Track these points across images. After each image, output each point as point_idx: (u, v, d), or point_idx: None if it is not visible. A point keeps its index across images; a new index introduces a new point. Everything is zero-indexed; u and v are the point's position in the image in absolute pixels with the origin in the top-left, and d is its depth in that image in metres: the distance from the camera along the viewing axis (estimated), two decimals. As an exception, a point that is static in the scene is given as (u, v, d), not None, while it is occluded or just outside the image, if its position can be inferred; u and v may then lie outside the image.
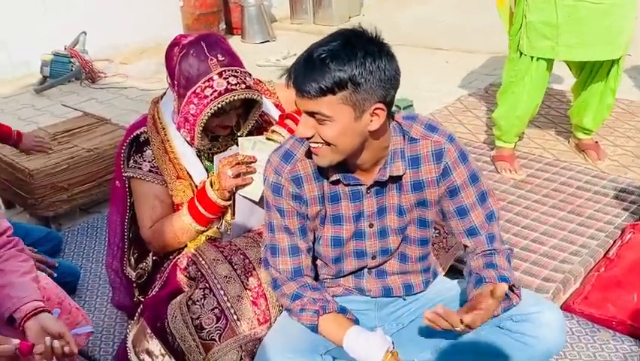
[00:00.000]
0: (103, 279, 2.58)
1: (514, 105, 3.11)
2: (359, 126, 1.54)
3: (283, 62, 5.66)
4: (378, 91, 1.50)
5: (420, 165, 1.68)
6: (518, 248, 2.57)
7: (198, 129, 1.91)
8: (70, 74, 5.44)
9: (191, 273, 1.93)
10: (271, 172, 1.72)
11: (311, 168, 1.70)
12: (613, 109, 3.85)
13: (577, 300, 2.29)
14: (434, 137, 1.68)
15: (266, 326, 1.85)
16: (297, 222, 1.74)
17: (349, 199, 1.72)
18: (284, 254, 1.76)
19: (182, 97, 1.91)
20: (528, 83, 3.04)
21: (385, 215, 1.75)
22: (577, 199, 2.92)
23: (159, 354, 1.87)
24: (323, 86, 1.47)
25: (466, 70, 5.07)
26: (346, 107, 1.50)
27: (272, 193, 1.72)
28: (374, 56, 1.49)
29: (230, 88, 1.87)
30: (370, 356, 1.66)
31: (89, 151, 3.20)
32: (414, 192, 1.71)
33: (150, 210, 2.04)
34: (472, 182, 1.71)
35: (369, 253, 1.79)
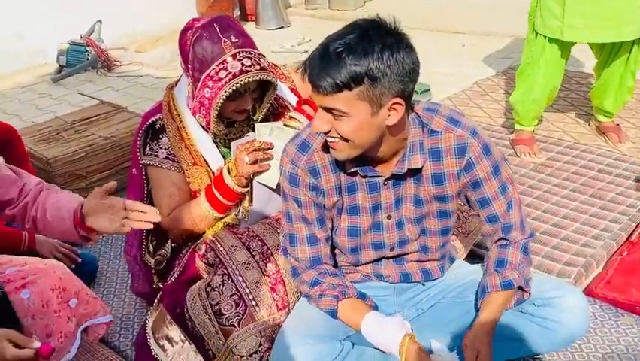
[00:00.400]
0: (122, 266, 2.59)
1: (531, 88, 3.06)
2: (376, 121, 1.51)
3: (298, 48, 5.63)
4: (396, 85, 1.46)
5: (441, 158, 1.66)
6: (539, 232, 2.54)
7: (214, 113, 1.89)
8: (86, 63, 5.45)
9: (210, 259, 1.93)
10: (288, 162, 1.70)
11: (328, 159, 1.67)
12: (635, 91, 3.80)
13: (599, 284, 2.26)
14: (457, 131, 1.64)
15: (284, 312, 1.84)
16: (314, 212, 1.72)
17: (366, 190, 1.69)
18: (302, 243, 1.75)
19: (196, 81, 1.89)
20: (543, 65, 2.99)
21: (402, 205, 1.73)
22: (598, 182, 2.88)
23: (179, 340, 1.87)
24: (339, 82, 1.43)
25: (484, 53, 5.01)
26: (363, 102, 1.46)
27: (289, 184, 1.71)
28: (392, 48, 1.44)
29: (244, 70, 1.85)
30: (388, 341, 1.66)
31: (106, 139, 3.21)
32: (434, 185, 1.69)
33: (168, 198, 2.04)
34: (495, 174, 1.69)
35: (387, 245, 1.77)
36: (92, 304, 1.96)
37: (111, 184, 1.70)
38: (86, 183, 3.11)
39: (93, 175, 3.13)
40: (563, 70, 3.06)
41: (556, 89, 3.12)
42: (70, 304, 1.88)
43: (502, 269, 1.73)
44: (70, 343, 1.94)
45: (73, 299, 1.91)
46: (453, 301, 1.87)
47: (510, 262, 1.73)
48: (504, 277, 1.71)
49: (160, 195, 2.05)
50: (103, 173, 3.16)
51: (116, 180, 3.13)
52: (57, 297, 1.85)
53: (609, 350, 1.96)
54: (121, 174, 3.18)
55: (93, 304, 1.96)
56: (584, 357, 1.94)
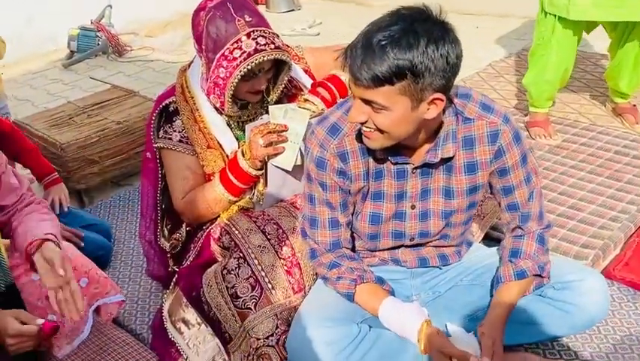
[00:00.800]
0: (137, 250, 2.59)
1: (543, 69, 3.02)
2: (415, 115, 1.47)
3: (309, 31, 5.59)
4: (438, 80, 1.41)
5: (474, 146, 1.63)
6: (555, 215, 2.51)
7: (228, 93, 1.87)
8: (97, 48, 5.44)
9: (225, 243, 1.93)
10: (316, 146, 1.66)
11: (358, 144, 1.64)
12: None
13: (617, 266, 2.23)
14: (490, 117, 1.62)
15: (300, 295, 1.84)
16: (339, 197, 1.70)
17: (393, 177, 1.67)
18: (324, 227, 1.73)
19: (210, 61, 1.87)
20: (555, 45, 2.94)
21: (429, 197, 1.70)
22: (615, 164, 2.84)
23: (195, 323, 1.88)
24: (381, 76, 1.39)
25: (497, 35, 4.95)
26: (404, 97, 1.42)
27: (315, 167, 1.67)
28: (437, 42, 1.38)
29: (259, 48, 1.83)
30: (405, 328, 1.65)
31: (119, 124, 3.20)
32: (467, 175, 1.66)
33: (182, 181, 2.03)
34: (523, 163, 1.67)
35: (407, 235, 1.76)
36: (102, 283, 1.96)
37: None
38: (98, 168, 3.11)
39: (106, 160, 3.13)
40: (575, 50, 3.02)
41: (569, 71, 3.07)
42: (81, 284, 1.89)
43: (517, 259, 1.72)
44: (83, 322, 1.95)
45: (83, 278, 1.91)
46: (470, 285, 1.86)
47: (524, 252, 1.72)
48: (517, 267, 1.70)
49: (174, 179, 2.05)
50: (115, 158, 3.16)
51: (129, 165, 3.21)
52: None
53: (627, 332, 1.94)
54: (134, 159, 3.19)
55: (104, 284, 1.97)
56: (602, 339, 1.93)
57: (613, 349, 1.89)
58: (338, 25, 5.64)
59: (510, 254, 1.75)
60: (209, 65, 1.88)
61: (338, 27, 5.57)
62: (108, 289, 1.98)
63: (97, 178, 3.14)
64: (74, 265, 1.91)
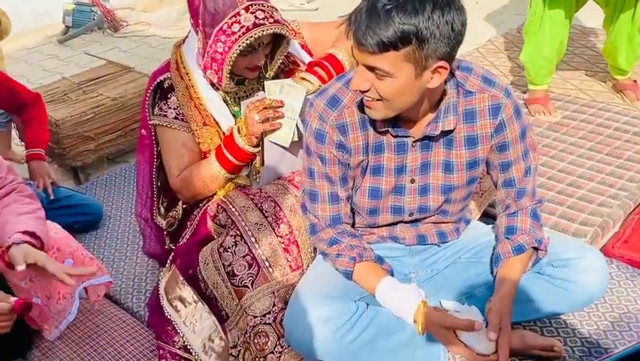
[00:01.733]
0: (133, 228, 2.58)
1: (538, 45, 3.00)
2: (419, 83, 1.45)
3: (307, 6, 5.53)
4: (442, 48, 1.39)
5: (475, 120, 1.61)
6: (554, 192, 2.50)
7: (227, 69, 1.84)
8: (92, 24, 5.39)
9: (222, 220, 1.91)
10: (315, 118, 1.64)
11: (358, 116, 1.61)
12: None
13: (616, 244, 2.22)
14: (492, 91, 1.59)
15: (298, 273, 1.83)
16: (338, 171, 1.68)
17: (393, 151, 1.65)
18: (324, 201, 1.71)
19: (207, 36, 1.84)
20: (547, 20, 2.92)
21: (429, 171, 1.68)
22: (615, 141, 2.82)
23: (192, 301, 1.87)
24: (386, 41, 1.36)
25: (497, 10, 4.91)
26: (408, 64, 1.40)
27: (315, 140, 1.65)
28: (443, 8, 1.36)
29: (258, 23, 1.79)
30: (402, 308, 1.65)
31: (114, 100, 3.17)
32: (467, 148, 1.64)
33: (177, 159, 2.00)
34: (522, 138, 1.66)
35: (406, 210, 1.74)
36: (87, 264, 1.95)
37: None
38: (94, 145, 3.09)
39: (101, 136, 3.11)
40: (568, 24, 2.99)
41: (564, 44, 3.05)
42: (66, 264, 1.88)
43: (513, 235, 1.71)
44: (70, 303, 1.95)
45: (68, 259, 1.90)
46: (468, 262, 1.85)
47: (520, 228, 1.72)
48: (515, 242, 1.69)
49: (169, 156, 2.02)
50: (111, 134, 3.14)
51: (125, 142, 3.18)
52: (52, 257, 1.84)
53: (626, 310, 1.94)
54: (130, 135, 3.16)
55: (89, 265, 1.95)
56: (600, 317, 1.92)
57: (611, 326, 1.89)
58: (337, 0, 5.58)
59: (505, 231, 1.74)
60: (207, 39, 1.84)
61: (337, 2, 5.50)
62: (94, 270, 1.97)
63: (92, 155, 3.12)
64: (59, 245, 1.90)
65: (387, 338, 1.68)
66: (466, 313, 1.60)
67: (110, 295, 2.24)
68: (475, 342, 1.59)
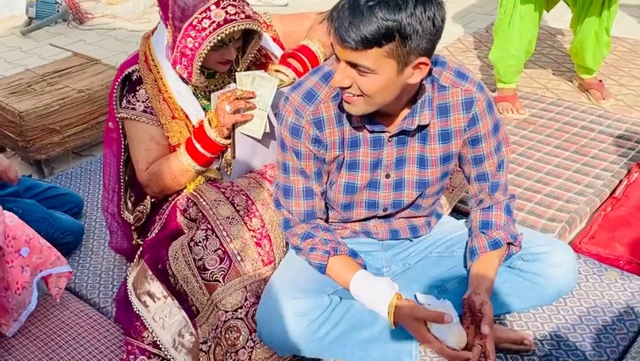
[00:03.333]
0: (99, 223, 2.52)
1: (508, 44, 3.04)
2: (400, 79, 1.45)
3: (277, 2, 5.50)
4: (424, 44, 1.39)
5: (449, 114, 1.61)
6: (522, 189, 2.53)
7: (197, 65, 1.80)
8: (56, 15, 5.27)
9: (192, 214, 1.88)
10: (291, 112, 1.62)
11: (334, 111, 1.60)
12: (617, 48, 3.79)
13: (584, 240, 2.26)
14: (465, 85, 1.60)
15: (270, 267, 1.81)
16: (313, 166, 1.67)
17: (369, 146, 1.64)
18: (298, 197, 1.70)
19: (177, 30, 1.80)
20: (517, 18, 2.96)
21: (404, 166, 1.68)
22: (581, 139, 2.87)
23: (161, 296, 1.83)
24: (369, 37, 1.35)
25: (465, 9, 4.95)
26: (391, 60, 1.40)
27: (290, 134, 1.63)
28: (425, 4, 1.36)
29: (229, 18, 1.77)
30: (376, 301, 1.64)
31: (80, 92, 3.10)
32: (441, 143, 1.64)
33: (146, 152, 1.96)
34: (494, 132, 1.67)
35: (380, 205, 1.74)
36: (45, 252, 1.91)
37: None
38: (59, 138, 3.02)
39: (67, 129, 3.04)
40: (537, 23, 3.04)
41: (533, 43, 3.09)
42: (22, 253, 1.84)
43: (488, 230, 1.72)
44: (29, 293, 1.90)
45: (24, 248, 1.86)
46: (440, 256, 1.86)
47: (495, 223, 1.73)
48: (490, 237, 1.71)
49: (137, 150, 1.98)
50: (77, 127, 3.08)
51: (91, 135, 3.12)
52: (7, 246, 1.79)
53: (593, 304, 1.97)
54: (96, 128, 3.10)
55: (47, 253, 1.91)
56: (569, 311, 1.95)
57: (579, 320, 1.91)
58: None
59: (481, 226, 1.74)
60: (176, 34, 1.81)
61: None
62: (52, 259, 1.92)
63: (57, 148, 3.05)
64: (14, 234, 1.85)
65: (359, 331, 1.68)
66: (440, 308, 1.60)
67: (75, 291, 2.19)
68: (446, 335, 1.58)
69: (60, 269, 1.94)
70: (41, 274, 1.92)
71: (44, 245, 1.92)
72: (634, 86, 3.40)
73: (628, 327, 1.88)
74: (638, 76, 3.51)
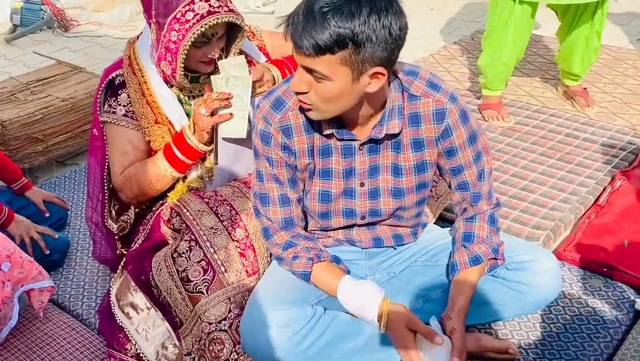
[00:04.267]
0: (83, 233, 2.50)
1: (499, 51, 3.04)
2: (356, 88, 1.45)
3: (263, 9, 5.50)
4: (380, 53, 1.39)
5: (420, 124, 1.61)
6: (507, 196, 2.54)
7: (181, 58, 1.80)
8: (41, 23, 5.23)
9: (176, 225, 1.87)
10: (260, 120, 1.63)
11: (302, 119, 1.61)
12: (601, 55, 3.81)
13: (568, 247, 2.27)
14: (436, 95, 1.60)
15: (255, 278, 1.80)
16: (286, 173, 1.67)
17: (340, 154, 1.64)
18: (274, 204, 1.70)
19: (161, 27, 1.80)
20: (512, 27, 2.97)
21: (378, 175, 1.68)
22: (566, 146, 2.88)
23: (144, 307, 1.82)
24: (322, 44, 1.36)
25: (452, 17, 4.97)
26: (344, 68, 1.40)
27: (260, 142, 1.65)
28: (380, 12, 1.36)
29: (212, 10, 1.77)
30: (365, 307, 1.63)
31: (64, 100, 3.08)
32: (414, 152, 1.64)
33: (122, 156, 1.95)
34: (471, 142, 1.66)
35: (358, 213, 1.74)
36: (27, 267, 1.88)
37: None
38: (43, 147, 3.00)
39: (50, 138, 3.01)
40: (531, 30, 3.06)
41: (523, 51, 3.10)
42: (3, 268, 1.81)
43: (470, 244, 1.72)
44: (10, 308, 1.87)
45: (5, 262, 1.83)
46: (425, 265, 1.85)
47: (477, 236, 1.72)
48: (471, 252, 1.70)
49: (114, 153, 1.97)
50: (61, 136, 3.05)
51: (75, 144, 3.09)
52: None
53: (577, 312, 1.98)
54: (80, 137, 3.08)
55: (28, 268, 1.88)
56: (553, 319, 1.95)
57: (563, 328, 1.92)
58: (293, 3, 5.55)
59: (463, 238, 1.74)
60: (160, 30, 1.81)
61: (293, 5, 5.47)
62: (34, 274, 1.90)
63: (41, 157, 3.02)
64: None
65: (344, 342, 1.67)
66: None
67: (58, 302, 2.17)
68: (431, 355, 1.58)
69: (42, 284, 1.92)
70: (23, 289, 1.89)
71: (26, 259, 1.89)
72: (618, 94, 3.43)
73: (612, 335, 1.89)
74: (622, 83, 3.54)
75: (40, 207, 2.47)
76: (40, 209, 2.46)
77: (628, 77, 3.61)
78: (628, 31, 4.43)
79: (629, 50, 4.00)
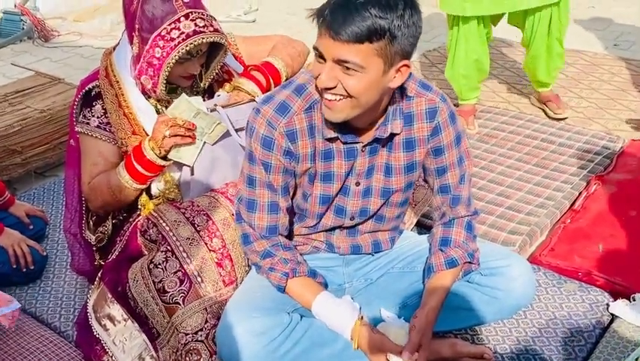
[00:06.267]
0: (62, 244, 2.49)
1: (457, 64, 3.09)
2: (383, 81, 1.47)
3: (244, 17, 5.51)
4: (407, 47, 1.44)
5: (413, 123, 1.64)
6: (484, 202, 2.56)
7: (163, 74, 1.81)
8: (21, 33, 5.21)
9: (152, 236, 1.86)
10: (263, 124, 1.61)
11: (306, 123, 1.61)
12: (577, 61, 3.87)
13: (543, 252, 2.29)
14: (428, 95, 1.63)
15: (232, 288, 1.80)
16: (281, 180, 1.67)
17: (343, 157, 1.65)
18: (262, 211, 1.69)
19: (144, 42, 1.81)
20: (462, 39, 3.02)
21: (373, 175, 1.70)
22: (542, 152, 2.92)
23: (121, 319, 1.82)
24: (363, 31, 1.38)
25: (431, 25, 5.00)
26: (379, 59, 1.42)
27: (261, 147, 1.63)
28: (412, 8, 1.42)
29: (198, 30, 1.78)
30: (340, 324, 1.65)
31: (42, 112, 3.08)
32: (405, 151, 1.67)
33: (91, 166, 1.95)
34: (457, 144, 1.69)
35: (348, 213, 1.75)
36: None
37: None
38: (21, 159, 2.98)
39: (29, 150, 3.00)
40: (484, 41, 3.07)
41: (482, 62, 3.10)
42: None
43: (446, 248, 1.74)
44: None
45: None
46: (402, 272, 1.87)
47: (454, 240, 1.75)
48: (448, 255, 1.72)
49: (84, 163, 1.98)
50: (39, 147, 3.04)
51: (54, 155, 3.08)
52: None
53: (552, 316, 2.00)
54: (59, 148, 3.07)
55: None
56: (528, 324, 1.97)
57: (538, 333, 1.94)
58: (274, 12, 5.58)
59: (440, 242, 1.76)
60: (143, 45, 1.82)
61: (274, 14, 5.51)
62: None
63: (19, 169, 3.00)
64: None
65: (320, 349, 1.68)
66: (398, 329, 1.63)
67: (36, 315, 2.16)
68: None
69: (9, 309, 1.86)
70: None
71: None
72: (594, 99, 3.47)
73: (586, 338, 1.91)
74: (598, 88, 3.59)
75: (23, 220, 2.46)
76: (24, 222, 2.46)
77: (604, 82, 3.67)
78: (604, 37, 4.49)
79: (605, 56, 4.05)
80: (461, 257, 1.72)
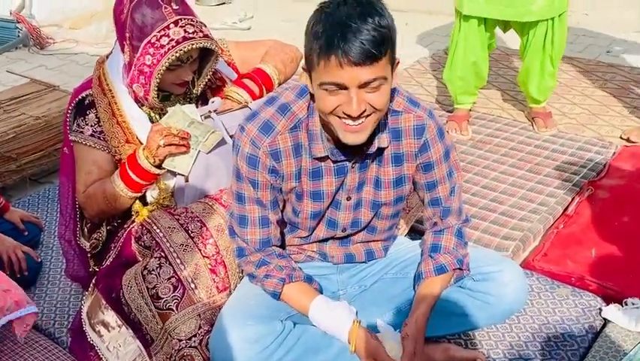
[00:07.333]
0: (56, 251, 2.49)
1: (454, 65, 3.11)
2: (392, 84, 1.50)
3: (240, 25, 5.53)
4: (395, 41, 1.46)
5: (401, 139, 1.65)
6: (478, 207, 2.57)
7: (155, 82, 1.82)
8: (17, 41, 5.22)
9: (146, 242, 1.87)
10: (247, 143, 1.61)
11: (291, 143, 1.62)
12: (570, 68, 3.89)
13: (536, 257, 2.31)
14: (417, 111, 1.64)
15: (225, 294, 1.81)
16: (269, 195, 1.68)
17: (333, 175, 1.66)
18: (254, 225, 1.70)
19: (135, 49, 1.82)
20: (462, 40, 3.04)
21: (363, 188, 1.71)
22: (535, 158, 2.94)
23: (115, 325, 1.82)
24: (380, 47, 1.37)
25: (425, 32, 5.03)
26: (389, 64, 1.45)
27: (246, 165, 1.63)
28: (383, 4, 1.44)
29: (188, 36, 1.79)
30: (337, 328, 1.66)
31: (37, 119, 3.09)
32: (394, 166, 1.67)
33: (85, 175, 1.96)
34: (445, 158, 1.70)
35: (340, 225, 1.76)
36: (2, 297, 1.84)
37: None
38: (16, 165, 2.98)
39: (24, 157, 3.00)
40: (483, 46, 3.07)
41: (481, 66, 3.09)
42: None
43: (436, 254, 1.75)
44: None
45: None
46: (395, 278, 1.88)
47: (444, 247, 1.76)
48: (437, 262, 1.73)
49: (79, 172, 1.98)
50: (34, 154, 3.04)
51: (49, 162, 3.08)
52: None
53: (545, 321, 2.01)
54: (54, 155, 3.07)
55: (3, 298, 1.84)
56: (522, 328, 1.98)
57: (531, 337, 1.95)
58: (270, 19, 5.61)
59: (430, 249, 1.77)
60: (134, 53, 1.82)
61: (270, 21, 5.53)
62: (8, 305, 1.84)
63: (14, 176, 3.01)
64: None
65: (314, 356, 1.69)
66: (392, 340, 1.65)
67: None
68: None
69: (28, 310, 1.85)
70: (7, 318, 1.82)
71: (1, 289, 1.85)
72: (586, 105, 3.49)
73: (579, 343, 1.92)
74: (591, 95, 3.61)
75: (18, 226, 2.47)
76: (18, 228, 2.46)
77: (597, 88, 3.69)
78: (597, 44, 4.52)
79: (598, 63, 4.08)
80: (450, 263, 1.73)
